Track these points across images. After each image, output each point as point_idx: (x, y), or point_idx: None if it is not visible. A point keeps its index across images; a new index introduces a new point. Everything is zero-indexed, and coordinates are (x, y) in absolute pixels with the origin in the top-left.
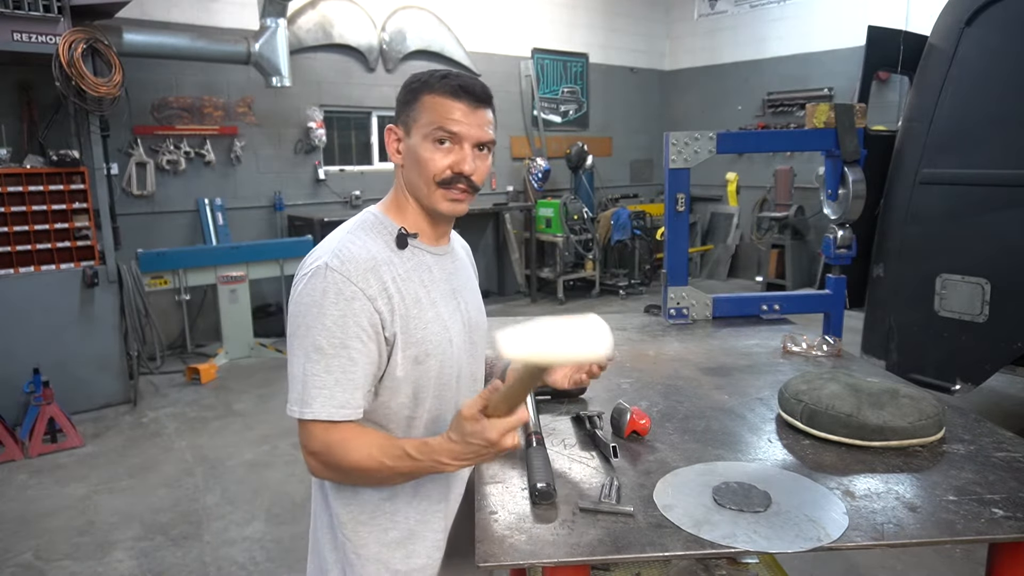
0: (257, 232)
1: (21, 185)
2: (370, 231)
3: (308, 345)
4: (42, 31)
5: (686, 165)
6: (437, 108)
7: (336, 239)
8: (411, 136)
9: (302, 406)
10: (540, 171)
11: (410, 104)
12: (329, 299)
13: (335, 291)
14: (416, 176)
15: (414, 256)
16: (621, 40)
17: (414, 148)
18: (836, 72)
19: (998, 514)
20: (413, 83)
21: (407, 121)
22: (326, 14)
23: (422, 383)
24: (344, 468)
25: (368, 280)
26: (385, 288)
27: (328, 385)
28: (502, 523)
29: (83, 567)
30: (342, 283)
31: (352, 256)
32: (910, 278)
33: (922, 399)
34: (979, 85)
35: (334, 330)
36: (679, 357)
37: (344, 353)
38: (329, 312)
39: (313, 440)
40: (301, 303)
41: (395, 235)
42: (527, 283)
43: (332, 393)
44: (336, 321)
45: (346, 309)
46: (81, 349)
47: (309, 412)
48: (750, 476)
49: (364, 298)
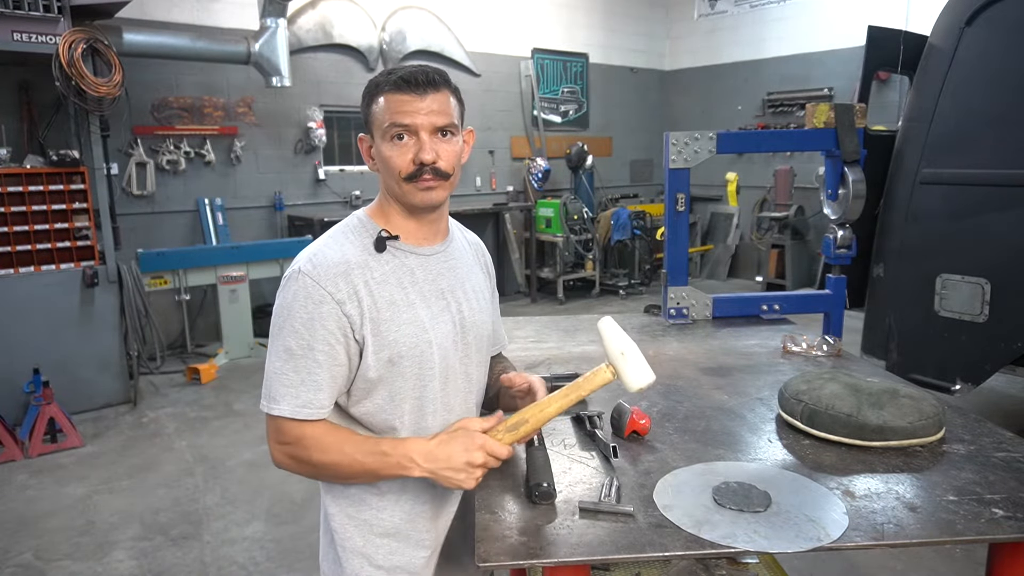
0: (257, 232)
1: (21, 185)
2: (351, 234)
3: (279, 346)
4: (42, 31)
5: (686, 165)
6: (388, 106)
7: (316, 244)
8: (375, 139)
9: (270, 402)
10: (540, 171)
11: (369, 109)
12: (299, 303)
13: (304, 295)
14: (387, 177)
15: (394, 258)
16: (621, 40)
17: (379, 150)
18: (836, 72)
19: (998, 514)
20: (368, 88)
21: (370, 126)
22: (326, 14)
23: (398, 385)
24: (313, 462)
25: (337, 284)
26: (355, 292)
27: (294, 384)
28: (502, 523)
29: (83, 567)
30: (311, 287)
31: (325, 260)
32: (910, 278)
33: (922, 399)
34: (979, 85)
35: (302, 332)
36: (679, 357)
37: (310, 355)
38: (298, 315)
39: (283, 434)
40: (278, 305)
41: (375, 238)
42: (527, 283)
43: (297, 392)
44: (304, 324)
45: (314, 312)
46: (81, 349)
47: (276, 409)
48: (750, 476)
49: (332, 302)
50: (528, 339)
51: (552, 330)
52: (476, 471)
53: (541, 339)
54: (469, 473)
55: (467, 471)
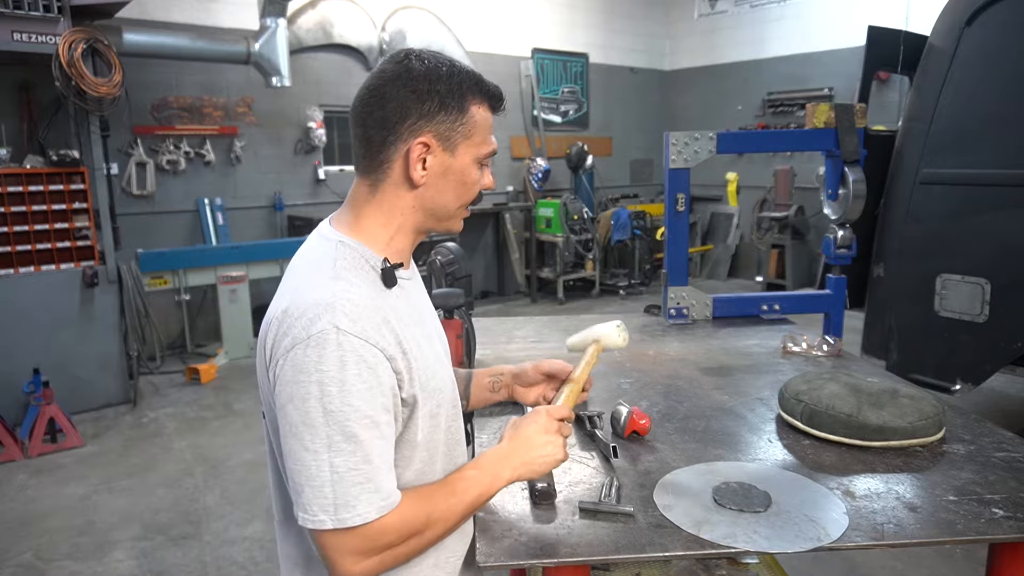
0: (257, 232)
1: (21, 185)
2: (356, 269)
3: (335, 434)
4: (42, 31)
5: (686, 165)
6: (486, 125)
7: (325, 288)
8: (456, 154)
9: (340, 511)
10: (540, 171)
11: (459, 112)
12: (351, 371)
13: (356, 359)
14: (451, 200)
15: (401, 291)
16: (621, 40)
17: (459, 170)
18: (836, 72)
19: (998, 514)
20: (454, 84)
21: (450, 135)
22: (326, 14)
23: (434, 438)
24: (415, 547)
25: (385, 336)
26: (399, 342)
27: (371, 476)
28: (502, 523)
29: (83, 567)
30: (362, 347)
31: (361, 310)
32: (910, 278)
33: (922, 399)
34: (979, 85)
35: (364, 408)
36: (679, 357)
37: (377, 432)
38: (355, 388)
39: (373, 541)
40: (308, 382)
41: (379, 269)
42: (527, 283)
43: (377, 484)
44: (363, 397)
45: (371, 379)
46: (81, 349)
47: (357, 516)
48: (750, 476)
49: (385, 360)
50: (528, 339)
51: (552, 330)
52: (558, 439)
53: (541, 339)
54: (554, 444)
55: (552, 443)
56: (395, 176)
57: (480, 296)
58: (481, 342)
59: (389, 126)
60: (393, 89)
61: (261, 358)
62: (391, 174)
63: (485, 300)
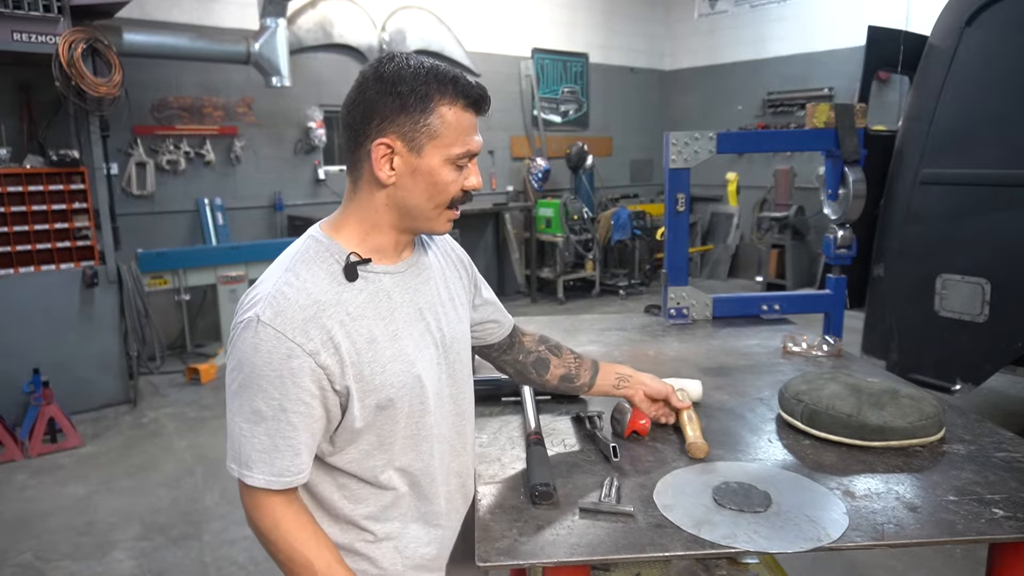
0: (257, 232)
1: (21, 185)
2: (312, 263)
3: (245, 405)
4: (42, 31)
5: (686, 165)
6: (460, 125)
7: (272, 279)
8: (422, 155)
9: (241, 467)
10: (540, 171)
11: (421, 113)
12: (262, 357)
13: (268, 348)
14: (423, 201)
15: (368, 284)
16: (621, 40)
17: (427, 170)
18: (836, 72)
19: (998, 514)
20: (418, 85)
21: (413, 136)
22: (326, 14)
23: (388, 428)
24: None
25: (308, 332)
26: (331, 337)
27: (267, 450)
28: (502, 523)
29: (83, 567)
30: (276, 339)
31: (288, 304)
32: (910, 278)
33: (922, 399)
34: (979, 85)
35: (271, 391)
36: (679, 357)
37: (283, 417)
38: (264, 372)
39: (258, 508)
40: (236, 357)
41: (343, 263)
42: (527, 283)
43: (271, 459)
44: (272, 382)
45: (282, 369)
46: (81, 349)
47: (249, 477)
48: (750, 476)
49: (303, 354)
50: None
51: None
52: None
53: None
54: None
55: None
56: (367, 175)
57: None
58: None
59: (359, 127)
60: (364, 91)
61: None
62: (364, 173)
63: None
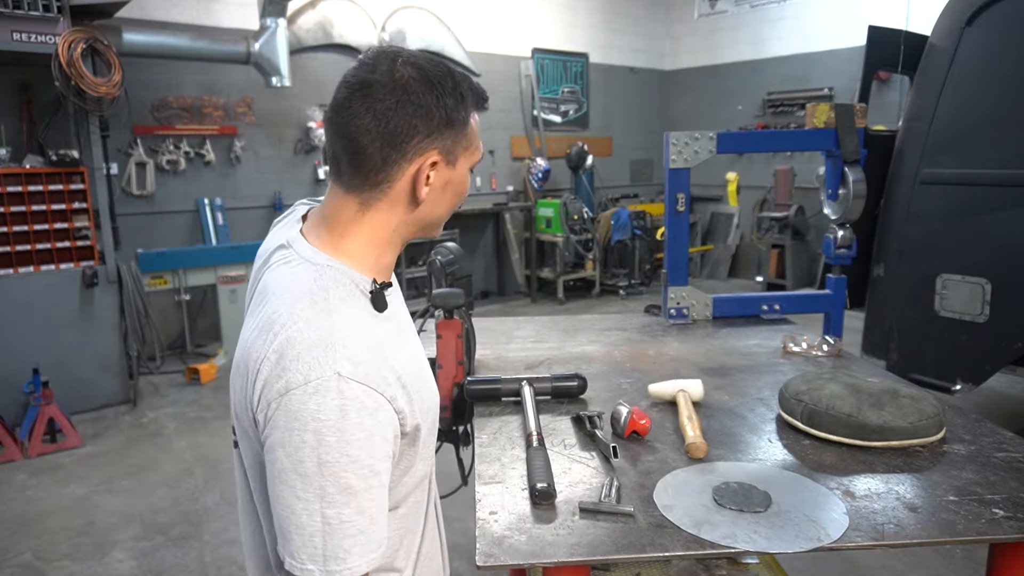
0: (257, 232)
1: (21, 185)
2: (348, 299)
3: (328, 486)
4: (42, 31)
5: (686, 165)
6: (477, 129)
7: (320, 325)
8: (456, 166)
9: (329, 563)
10: (540, 171)
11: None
12: (351, 421)
13: (357, 407)
14: (446, 211)
15: (390, 311)
16: (621, 40)
17: (458, 181)
18: (836, 72)
19: (999, 514)
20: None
21: (453, 148)
22: (326, 14)
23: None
24: None
25: (386, 377)
26: (399, 377)
27: (364, 528)
28: (502, 523)
29: (83, 567)
30: (364, 394)
31: (361, 350)
32: (910, 278)
33: (922, 399)
34: (979, 85)
35: (363, 459)
36: (679, 357)
37: (376, 481)
38: (355, 437)
39: None
40: (304, 431)
41: (367, 292)
42: (527, 283)
43: (369, 536)
44: (363, 446)
45: (372, 427)
46: (81, 349)
47: (347, 570)
48: (750, 476)
49: (386, 403)
50: (528, 339)
51: (552, 330)
52: None
53: (541, 339)
54: None
55: None
56: (395, 195)
57: (480, 296)
58: (481, 342)
59: (394, 144)
60: (391, 102)
61: (243, 389)
62: (390, 193)
63: (485, 300)
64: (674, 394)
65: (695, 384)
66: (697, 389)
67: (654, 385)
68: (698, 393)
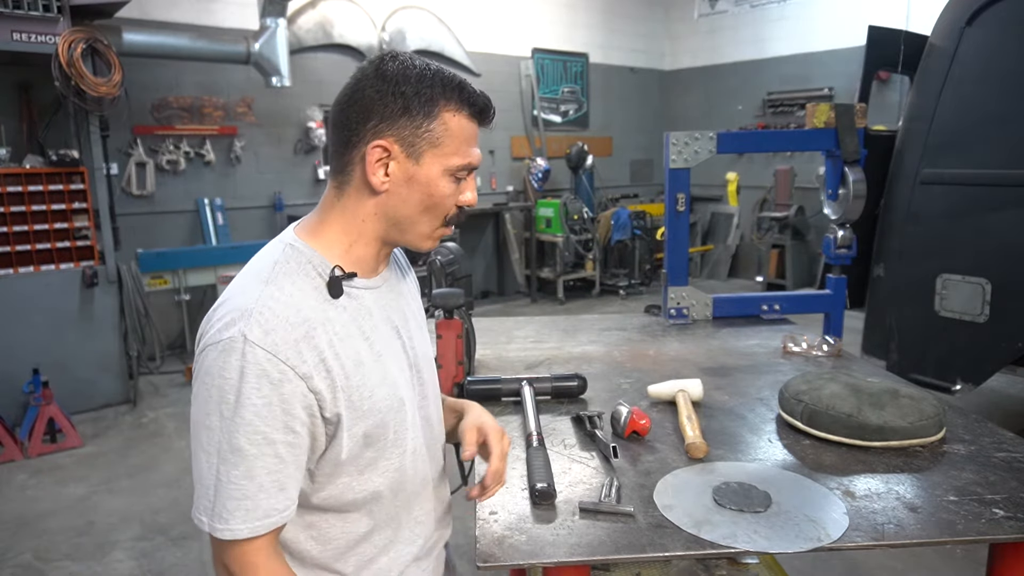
0: (257, 232)
1: (21, 185)
2: (295, 275)
3: (222, 443)
4: (42, 31)
5: (686, 165)
6: (463, 135)
7: (252, 292)
8: (420, 162)
9: (215, 519)
10: (540, 171)
11: (424, 118)
12: (249, 384)
13: (257, 373)
14: (416, 213)
15: (351, 301)
16: (621, 40)
17: (424, 180)
18: (836, 72)
19: (999, 514)
20: (423, 88)
21: (414, 141)
22: (326, 14)
23: (368, 457)
24: None
25: (301, 353)
26: (323, 359)
27: (250, 494)
28: (502, 523)
29: (83, 567)
30: (267, 362)
31: (279, 321)
32: (910, 278)
33: (922, 399)
34: (979, 85)
35: (256, 423)
36: (679, 357)
37: (269, 450)
38: (250, 401)
39: (234, 561)
40: (211, 385)
41: (326, 278)
42: (527, 283)
43: (256, 502)
44: (259, 412)
45: (272, 396)
46: (81, 349)
47: (227, 531)
48: (750, 476)
49: (296, 378)
50: (528, 339)
51: (552, 330)
52: None
53: (541, 339)
54: None
55: None
56: (357, 180)
57: (480, 296)
58: (481, 342)
59: (352, 127)
60: (362, 88)
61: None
62: (354, 178)
63: (485, 300)
64: (674, 394)
65: (695, 384)
66: (697, 389)
67: (654, 385)
68: (698, 393)
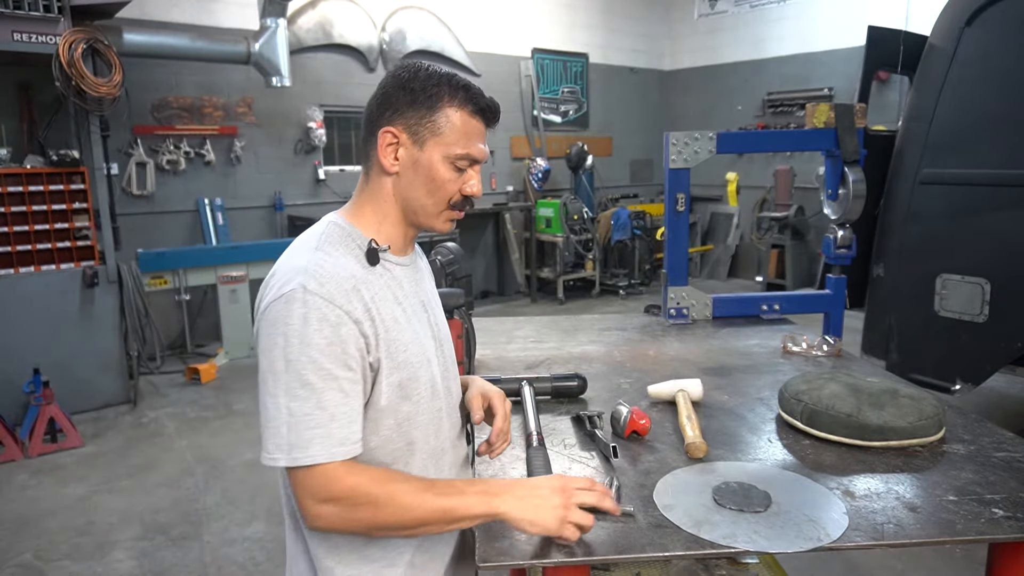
0: (257, 232)
1: (21, 185)
2: (339, 245)
3: (292, 381)
4: (42, 31)
5: (686, 165)
6: (464, 128)
7: (304, 256)
8: (424, 148)
9: (294, 451)
10: (540, 171)
11: (427, 110)
12: (312, 327)
13: (318, 317)
14: (423, 195)
15: (386, 271)
16: (621, 40)
17: (427, 164)
18: (836, 72)
19: (998, 514)
20: (430, 85)
21: (418, 129)
22: (326, 14)
23: (405, 411)
24: (371, 516)
25: (352, 301)
26: (368, 310)
27: (323, 422)
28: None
29: (83, 567)
30: (326, 307)
31: (331, 275)
32: (910, 278)
33: (922, 399)
34: (979, 85)
35: (321, 360)
36: (679, 357)
37: (335, 384)
38: (313, 341)
39: (327, 488)
40: (275, 334)
41: (365, 249)
42: (527, 283)
43: (329, 431)
44: (322, 350)
45: (332, 336)
46: (81, 349)
47: (307, 457)
48: (750, 476)
49: (351, 322)
50: (528, 339)
51: (552, 330)
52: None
53: (541, 339)
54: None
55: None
56: (376, 164)
57: (480, 296)
58: (481, 342)
59: (373, 119)
60: (383, 87)
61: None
62: (374, 163)
63: (485, 300)
64: (674, 394)
65: (695, 384)
66: (697, 389)
67: (654, 385)
68: (698, 393)
